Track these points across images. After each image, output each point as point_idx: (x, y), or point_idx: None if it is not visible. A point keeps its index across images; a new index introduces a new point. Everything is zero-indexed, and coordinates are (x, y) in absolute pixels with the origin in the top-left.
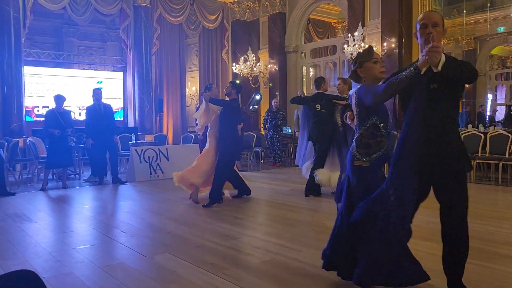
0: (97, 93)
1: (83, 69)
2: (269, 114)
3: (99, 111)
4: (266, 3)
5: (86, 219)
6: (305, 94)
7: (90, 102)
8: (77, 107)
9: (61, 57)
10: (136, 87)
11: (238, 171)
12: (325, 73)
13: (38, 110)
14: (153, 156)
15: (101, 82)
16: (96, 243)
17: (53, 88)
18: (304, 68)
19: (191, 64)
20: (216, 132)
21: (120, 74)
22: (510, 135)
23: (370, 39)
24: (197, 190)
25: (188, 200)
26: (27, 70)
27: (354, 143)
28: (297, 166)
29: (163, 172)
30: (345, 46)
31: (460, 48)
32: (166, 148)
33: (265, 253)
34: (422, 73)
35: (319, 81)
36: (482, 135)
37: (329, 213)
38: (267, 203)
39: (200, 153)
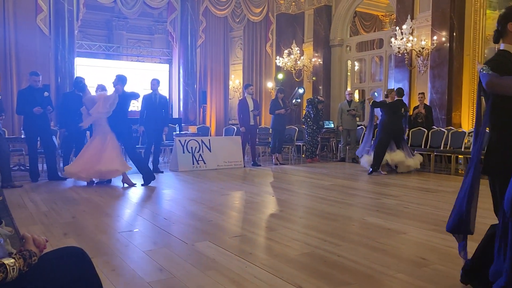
0: (153, 83)
1: (131, 61)
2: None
3: (154, 100)
4: None
5: (131, 205)
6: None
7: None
8: None
9: (111, 49)
10: (181, 79)
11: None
12: (371, 68)
13: None
14: (195, 147)
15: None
16: (140, 228)
17: (102, 79)
18: (349, 62)
19: (235, 57)
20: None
21: (166, 66)
22: None
23: (419, 32)
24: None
25: (229, 190)
26: (78, 61)
27: None
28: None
29: (205, 163)
30: (393, 39)
31: None
32: (209, 140)
33: (304, 245)
34: None
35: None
36: None
37: (370, 209)
38: (307, 196)
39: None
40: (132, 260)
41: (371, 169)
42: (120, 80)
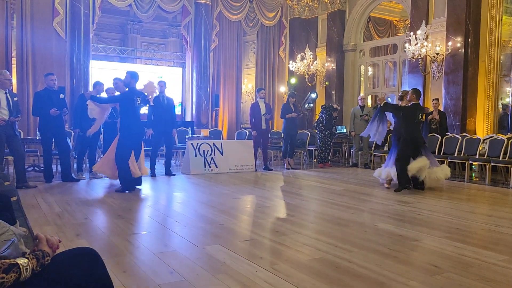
0: (160, 85)
1: (145, 64)
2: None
3: (162, 102)
4: (326, 0)
5: (142, 208)
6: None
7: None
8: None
9: (125, 52)
10: (194, 83)
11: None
12: (384, 73)
13: None
14: (208, 150)
15: (161, 77)
16: (151, 230)
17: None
18: (363, 67)
19: (248, 61)
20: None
21: (179, 70)
22: None
23: (433, 38)
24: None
25: (240, 194)
26: (93, 64)
27: None
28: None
29: (217, 166)
30: (407, 45)
31: None
32: (221, 143)
33: (315, 251)
34: None
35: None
36: None
37: (382, 216)
38: (318, 201)
39: None
40: (143, 262)
41: (402, 187)
42: (128, 78)
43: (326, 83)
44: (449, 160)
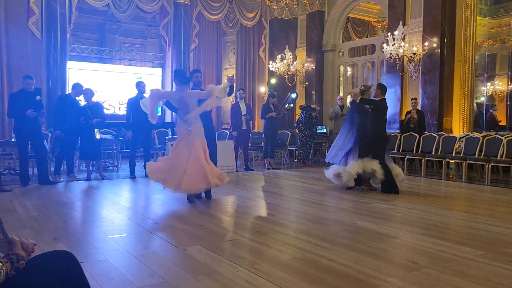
0: (142, 86)
1: (124, 65)
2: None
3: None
4: (305, 1)
5: (122, 210)
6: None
7: (130, 96)
8: (117, 102)
9: (103, 53)
10: (174, 84)
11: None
12: (363, 73)
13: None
14: None
15: (140, 78)
16: (130, 232)
17: (94, 82)
18: (342, 67)
19: (228, 62)
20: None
21: (159, 70)
22: None
23: (410, 38)
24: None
25: (221, 195)
26: (71, 65)
27: None
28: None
29: None
30: (385, 45)
31: (506, 49)
32: None
33: (295, 250)
34: None
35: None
36: None
37: (362, 214)
38: (299, 201)
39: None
40: (122, 264)
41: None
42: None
43: (306, 83)
44: (426, 158)
